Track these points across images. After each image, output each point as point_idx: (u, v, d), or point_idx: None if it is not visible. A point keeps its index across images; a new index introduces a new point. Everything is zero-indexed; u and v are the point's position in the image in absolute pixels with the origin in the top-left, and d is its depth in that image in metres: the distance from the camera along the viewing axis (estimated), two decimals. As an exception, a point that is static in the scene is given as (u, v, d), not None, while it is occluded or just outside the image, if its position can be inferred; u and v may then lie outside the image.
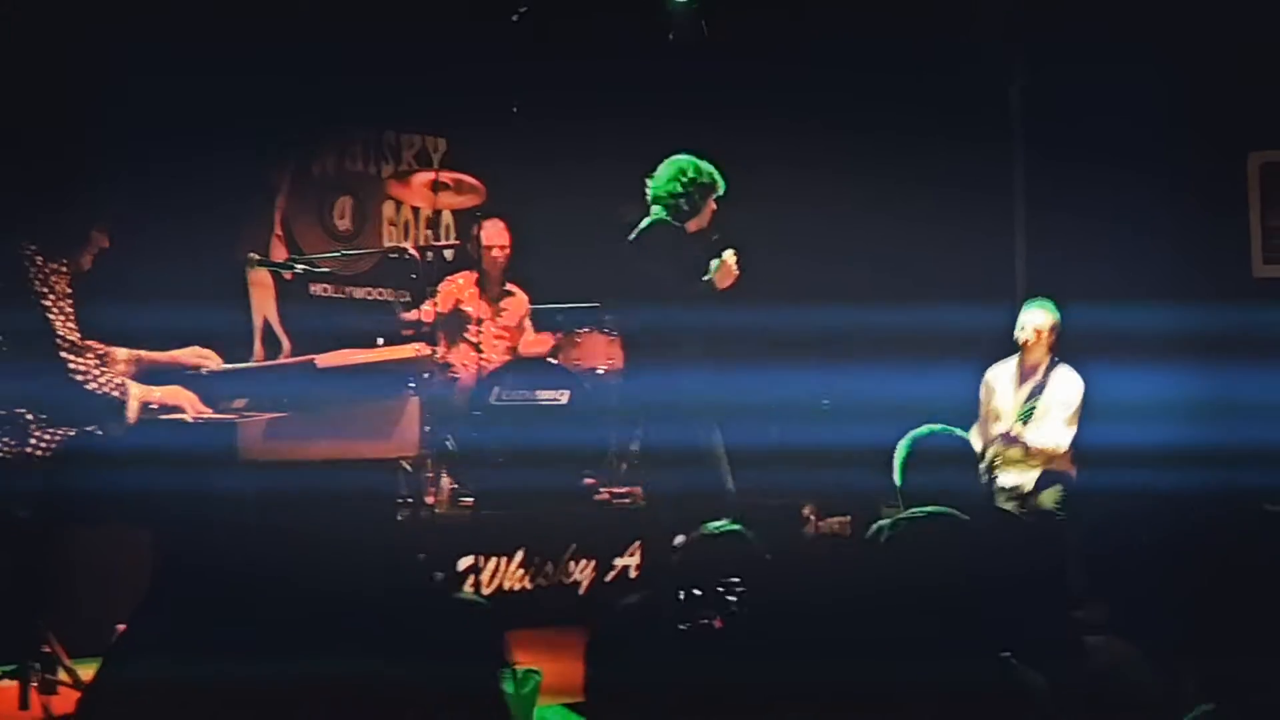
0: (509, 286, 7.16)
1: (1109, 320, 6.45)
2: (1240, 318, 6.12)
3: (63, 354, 3.98)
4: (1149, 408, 6.31)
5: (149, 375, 4.28)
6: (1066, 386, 6.24)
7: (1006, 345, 6.39)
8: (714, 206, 5.41)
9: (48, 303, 4.00)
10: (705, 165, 5.39)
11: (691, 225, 5.40)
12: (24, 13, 5.92)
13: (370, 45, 7.11)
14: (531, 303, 7.26)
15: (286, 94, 7.00)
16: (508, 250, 7.02)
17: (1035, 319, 6.29)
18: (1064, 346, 6.32)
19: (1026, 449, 6.13)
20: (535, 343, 7.13)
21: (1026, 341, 6.30)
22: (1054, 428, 6.18)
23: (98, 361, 4.12)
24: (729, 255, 5.20)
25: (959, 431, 3.68)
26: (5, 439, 3.95)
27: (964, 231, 7.35)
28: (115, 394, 4.00)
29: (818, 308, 7.08)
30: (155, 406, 4.06)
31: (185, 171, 6.47)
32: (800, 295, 7.18)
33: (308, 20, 6.83)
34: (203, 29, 6.36)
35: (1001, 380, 6.42)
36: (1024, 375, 6.34)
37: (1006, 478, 6.16)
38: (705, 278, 5.21)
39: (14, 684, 3.94)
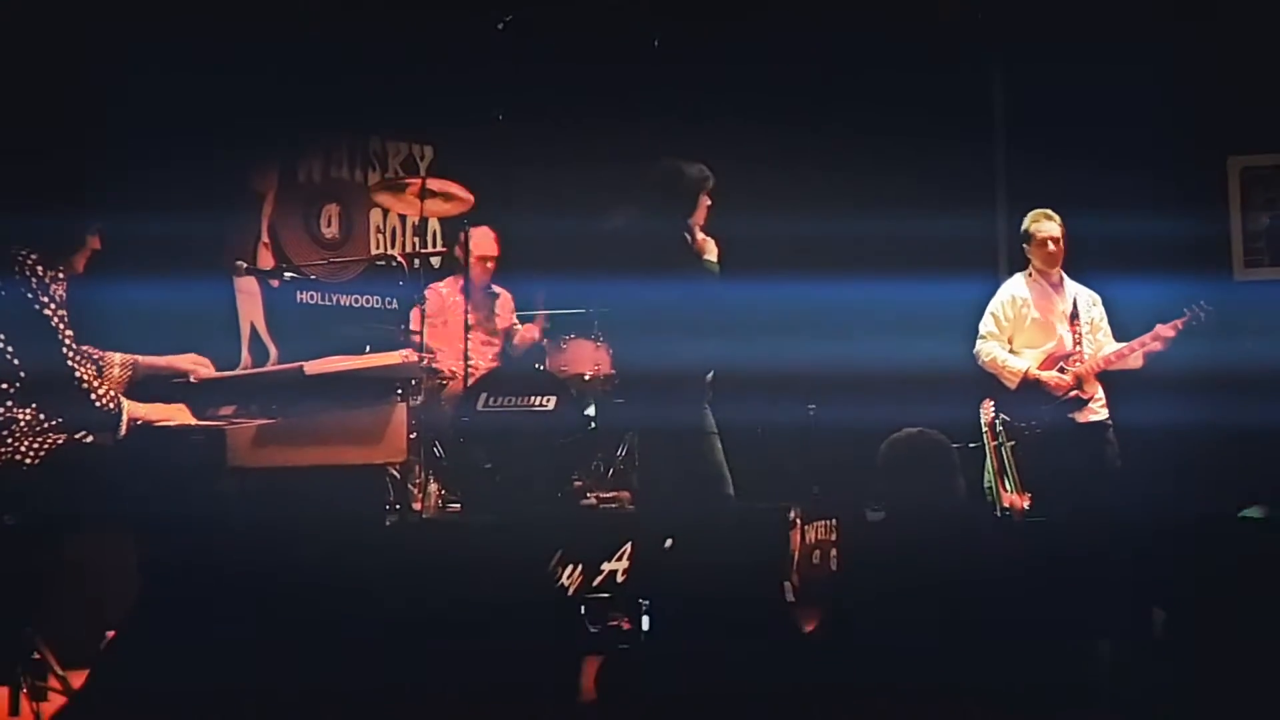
0: (494, 288, 7.19)
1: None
2: (1221, 321, 6.16)
3: (69, 363, 4.00)
4: (1129, 412, 6.34)
5: (143, 380, 4.30)
6: (1090, 293, 6.31)
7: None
8: (708, 201, 5.38)
9: (48, 312, 4.01)
10: (692, 165, 5.38)
11: (691, 221, 5.36)
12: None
13: (357, 52, 7.13)
14: (517, 309, 7.30)
15: (273, 101, 7.01)
16: (495, 262, 7.04)
17: (1052, 228, 6.22)
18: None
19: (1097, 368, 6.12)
20: (526, 332, 7.23)
21: (1050, 249, 6.21)
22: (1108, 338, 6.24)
23: (96, 371, 4.14)
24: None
25: (935, 433, 3.73)
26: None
27: (946, 235, 7.38)
28: (111, 406, 4.02)
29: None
30: (140, 423, 4.08)
31: (172, 178, 6.48)
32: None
33: (295, 28, 6.85)
34: (189, 37, 6.37)
35: (1036, 294, 6.31)
36: (1056, 288, 6.29)
37: (1092, 402, 6.13)
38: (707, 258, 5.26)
39: (4, 690, 3.97)
